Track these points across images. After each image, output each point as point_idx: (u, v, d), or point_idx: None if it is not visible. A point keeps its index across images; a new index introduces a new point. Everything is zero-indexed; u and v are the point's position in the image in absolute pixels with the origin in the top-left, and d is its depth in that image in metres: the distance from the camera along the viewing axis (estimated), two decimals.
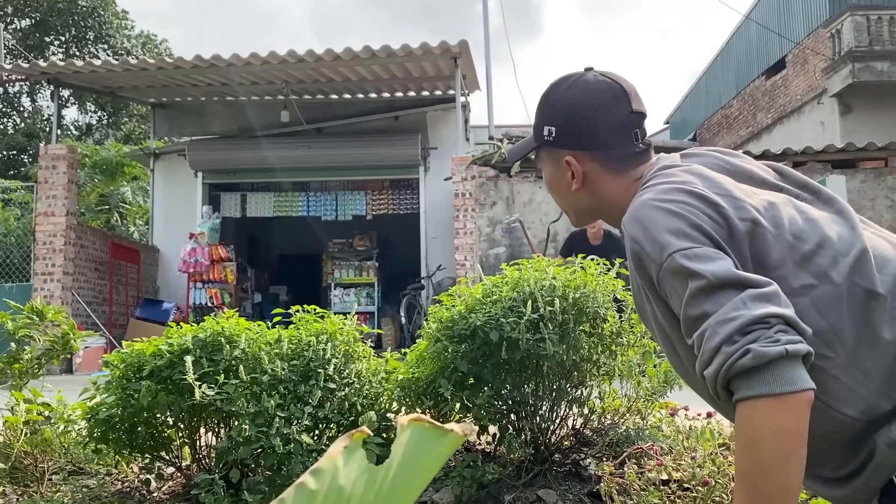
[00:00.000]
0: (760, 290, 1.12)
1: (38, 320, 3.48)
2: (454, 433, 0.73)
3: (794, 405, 1.08)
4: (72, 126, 26.25)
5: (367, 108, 11.93)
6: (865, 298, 1.19)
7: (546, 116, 1.47)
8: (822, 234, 1.23)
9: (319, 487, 0.60)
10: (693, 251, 1.17)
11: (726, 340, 1.10)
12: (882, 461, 1.17)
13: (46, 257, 9.83)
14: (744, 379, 1.09)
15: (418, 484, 0.72)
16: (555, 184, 1.50)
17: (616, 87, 1.42)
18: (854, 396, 1.17)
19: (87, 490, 2.97)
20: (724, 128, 16.20)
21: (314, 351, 2.81)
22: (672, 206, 1.22)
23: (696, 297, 1.15)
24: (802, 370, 1.09)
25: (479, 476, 2.77)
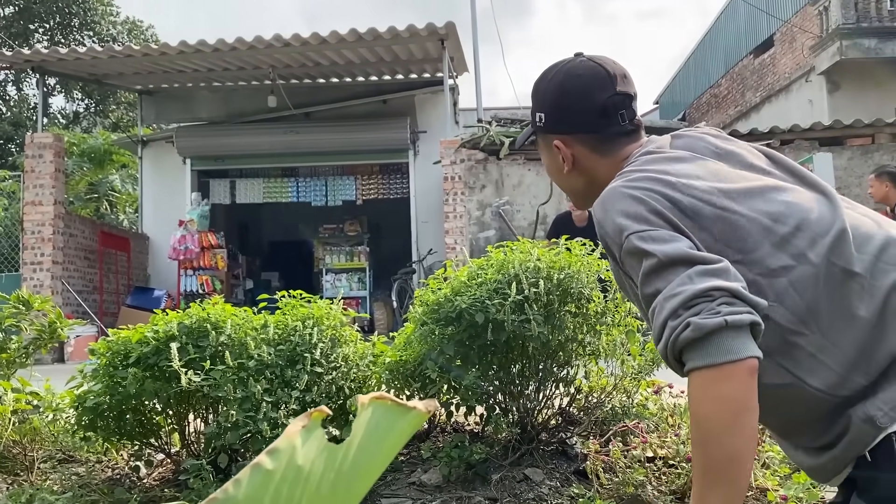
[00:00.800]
0: (708, 266, 1.15)
1: (24, 309, 3.48)
2: (417, 410, 0.74)
3: (734, 374, 1.10)
4: (59, 114, 26.04)
5: (355, 91, 11.86)
6: (842, 278, 1.21)
7: (537, 103, 1.53)
8: (800, 216, 1.26)
9: (276, 467, 0.60)
10: (648, 233, 1.21)
11: (671, 315, 1.14)
12: (856, 436, 1.19)
13: (35, 247, 9.79)
14: (689, 351, 1.13)
15: (380, 462, 0.73)
16: (551, 168, 1.57)
17: (600, 71, 1.46)
18: (828, 372, 1.19)
19: (76, 478, 2.98)
20: (713, 107, 16.20)
21: (300, 336, 2.81)
22: (636, 193, 1.27)
23: (648, 276, 1.20)
24: (746, 339, 1.11)
25: (466, 456, 2.79)
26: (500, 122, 9.84)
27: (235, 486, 0.58)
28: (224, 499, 0.57)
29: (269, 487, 0.61)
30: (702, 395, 1.13)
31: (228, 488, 0.58)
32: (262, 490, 0.60)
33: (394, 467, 2.97)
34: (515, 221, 9.02)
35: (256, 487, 0.59)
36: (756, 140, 8.71)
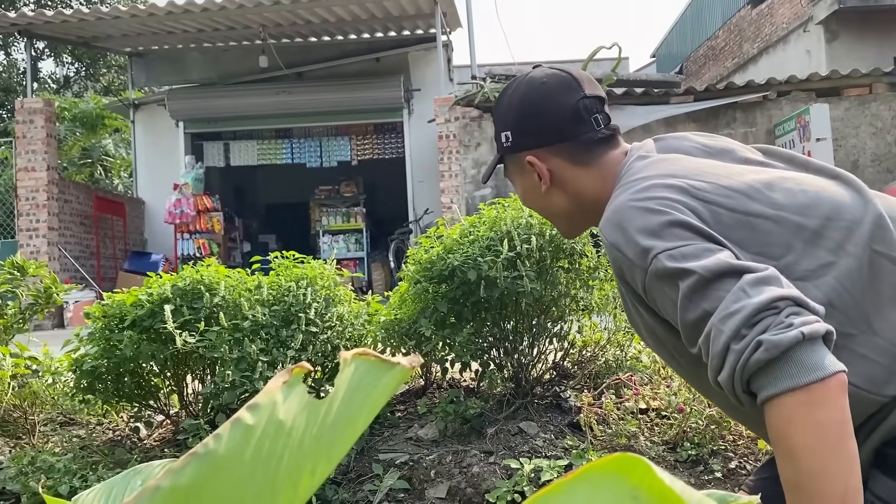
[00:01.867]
0: (760, 274, 1.00)
1: (19, 275, 3.48)
2: (401, 366, 0.74)
3: (827, 393, 0.93)
4: (49, 79, 25.72)
5: (348, 50, 11.72)
6: (890, 267, 1.09)
7: (501, 124, 1.39)
8: (828, 205, 1.12)
9: (257, 422, 0.61)
10: (679, 250, 1.06)
11: (734, 337, 0.97)
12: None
13: (30, 213, 9.76)
14: (763, 376, 0.95)
15: (364, 417, 0.74)
16: (527, 193, 1.41)
17: (564, 75, 1.34)
18: (882, 371, 1.06)
19: (77, 440, 3.02)
20: (711, 59, 16.03)
21: (294, 296, 2.83)
22: (652, 204, 1.11)
23: (690, 298, 1.04)
24: (826, 352, 0.95)
25: (462, 411, 2.82)
26: (494, 79, 9.74)
27: (216, 440, 0.59)
28: (204, 453, 0.57)
29: (249, 442, 0.61)
30: (793, 425, 0.94)
31: (209, 443, 0.59)
32: (242, 444, 0.60)
33: (391, 423, 3.01)
34: None
35: (237, 442, 0.60)
36: (754, 92, 8.65)
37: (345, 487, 2.66)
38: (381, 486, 2.64)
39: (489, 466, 2.63)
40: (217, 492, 0.56)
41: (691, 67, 16.97)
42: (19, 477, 2.51)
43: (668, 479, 0.58)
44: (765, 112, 8.72)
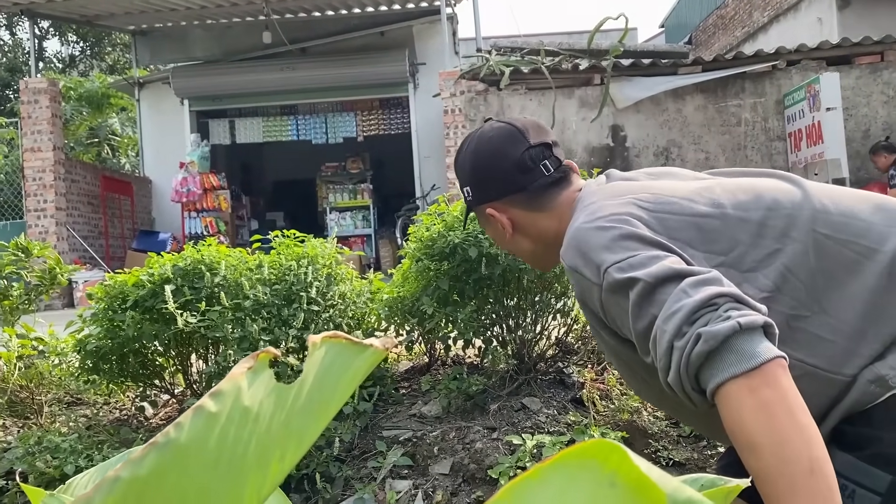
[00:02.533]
0: (700, 276, 1.05)
1: (24, 257, 3.49)
2: (373, 348, 0.73)
3: (767, 377, 0.96)
4: (55, 58, 25.67)
5: (352, 24, 11.61)
6: (834, 247, 1.15)
7: (461, 179, 1.48)
8: (767, 199, 1.20)
9: (221, 409, 0.59)
10: (627, 261, 1.11)
11: (676, 335, 1.01)
12: (860, 398, 1.11)
13: (37, 193, 9.79)
14: (707, 369, 0.99)
15: (337, 400, 0.73)
16: (495, 238, 1.52)
17: (508, 128, 1.41)
18: (837, 349, 1.11)
19: (84, 419, 3.04)
20: (720, 29, 15.80)
21: (295, 275, 2.82)
22: (602, 222, 1.18)
23: (640, 306, 1.08)
24: (764, 340, 0.99)
25: (465, 388, 2.82)
26: (499, 51, 9.64)
27: (177, 429, 0.58)
28: (165, 442, 0.56)
29: (213, 429, 0.60)
30: (742, 410, 0.96)
31: (170, 432, 0.58)
32: (205, 432, 0.59)
33: (395, 400, 3.01)
34: None
35: (199, 430, 0.59)
36: (763, 62, 8.52)
37: (349, 464, 2.68)
38: (385, 462, 2.65)
39: (492, 442, 2.63)
40: (179, 480, 0.55)
41: (700, 37, 16.74)
42: (26, 457, 2.53)
43: (644, 466, 0.57)
44: (774, 82, 8.60)
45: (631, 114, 8.75)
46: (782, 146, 8.55)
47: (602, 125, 8.79)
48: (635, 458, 0.57)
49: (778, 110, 8.56)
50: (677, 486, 0.58)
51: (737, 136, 8.66)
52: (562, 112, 8.76)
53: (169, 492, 0.54)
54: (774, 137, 8.59)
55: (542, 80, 8.64)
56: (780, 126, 8.56)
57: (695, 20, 17.35)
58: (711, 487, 0.81)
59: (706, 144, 8.69)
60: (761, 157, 8.61)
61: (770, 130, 8.61)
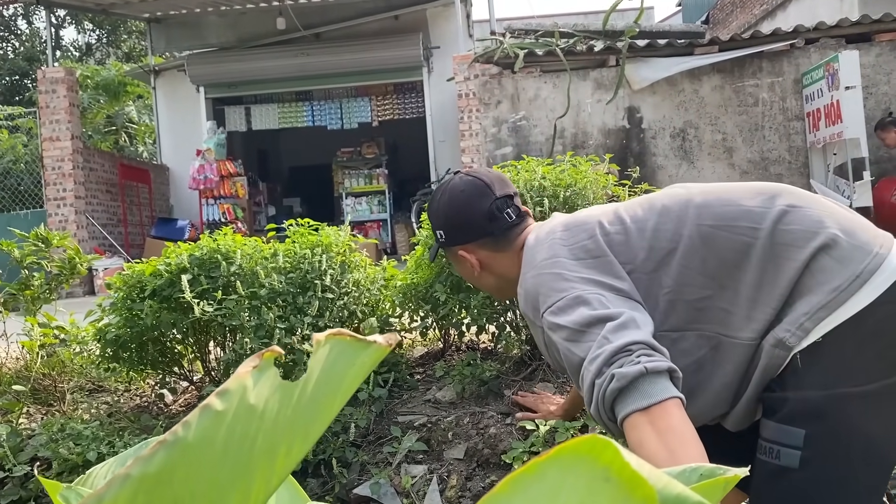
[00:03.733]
0: (618, 321, 1.25)
1: (44, 246, 3.55)
2: (377, 344, 0.75)
3: (664, 410, 1.15)
4: (71, 47, 25.83)
5: (365, 8, 11.57)
6: (720, 234, 1.35)
7: (435, 223, 1.74)
8: (658, 207, 1.43)
9: (227, 408, 0.61)
10: (557, 305, 1.34)
11: (597, 374, 1.22)
12: (769, 362, 1.29)
13: (57, 182, 9.90)
14: (618, 403, 1.19)
15: (340, 397, 0.75)
16: (464, 274, 1.78)
17: (478, 183, 1.66)
18: (739, 319, 1.31)
19: (105, 406, 3.10)
20: (738, 7, 15.59)
21: (310, 263, 2.85)
22: (535, 272, 1.43)
23: (568, 348, 1.30)
24: (667, 383, 1.18)
25: (479, 373, 2.84)
26: (514, 34, 9.58)
27: (185, 427, 0.60)
28: (173, 440, 0.59)
29: (220, 427, 0.62)
30: (642, 437, 1.15)
31: (178, 430, 0.60)
32: (213, 430, 0.62)
33: (409, 386, 3.04)
34: (532, 136, 8.90)
35: (207, 428, 0.61)
36: (780, 40, 8.41)
37: (364, 449, 2.71)
38: (400, 447, 2.68)
39: (506, 427, 2.65)
40: (189, 476, 0.57)
41: (718, 16, 16.53)
42: (50, 444, 2.59)
43: (634, 462, 0.58)
44: (792, 61, 8.49)
45: (647, 95, 8.68)
46: (800, 126, 8.45)
47: (618, 107, 8.73)
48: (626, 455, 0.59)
49: (796, 90, 8.46)
50: (668, 482, 0.60)
51: (754, 117, 8.56)
52: (576, 94, 8.70)
53: (178, 487, 0.56)
54: (792, 117, 8.49)
55: (556, 62, 8.58)
56: (799, 106, 8.45)
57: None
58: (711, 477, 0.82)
59: (723, 125, 8.61)
60: (779, 138, 8.52)
61: (788, 110, 8.51)
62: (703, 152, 8.62)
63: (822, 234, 1.29)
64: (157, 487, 0.54)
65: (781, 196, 1.37)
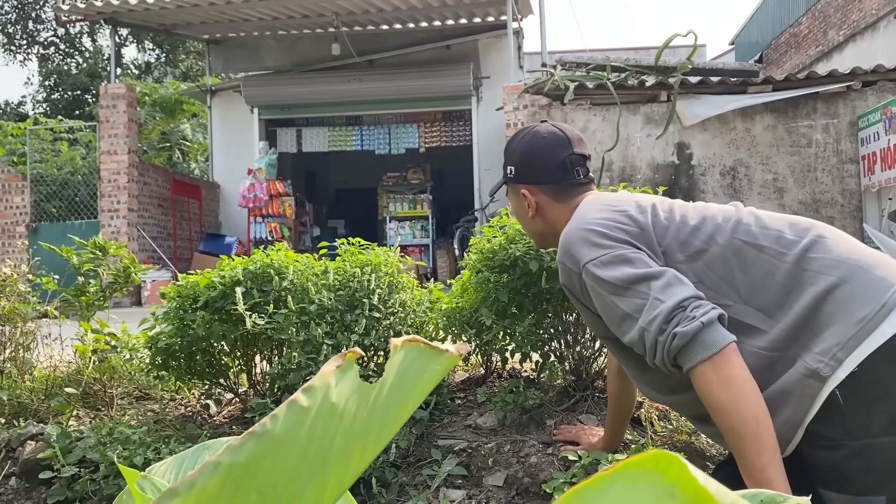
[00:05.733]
0: (663, 280, 1.40)
1: (101, 255, 3.65)
2: (449, 353, 0.77)
3: (724, 358, 1.32)
4: (132, 65, 26.69)
5: (418, 38, 11.77)
6: (751, 251, 1.46)
7: (508, 159, 1.87)
8: (707, 213, 1.55)
9: (311, 404, 0.64)
10: (600, 259, 1.47)
11: (658, 333, 1.38)
12: (803, 392, 1.34)
13: (111, 195, 10.19)
14: (682, 355, 1.36)
15: (413, 401, 0.76)
16: (518, 212, 1.91)
17: (560, 134, 1.79)
18: (755, 331, 1.40)
19: (152, 414, 3.16)
20: (793, 47, 15.45)
21: (359, 281, 2.88)
22: (586, 225, 1.54)
23: (612, 301, 1.44)
24: (720, 329, 1.35)
25: (521, 401, 2.83)
26: (565, 66, 9.63)
27: (273, 421, 0.63)
28: (262, 432, 0.61)
29: (304, 423, 0.65)
30: (708, 386, 1.33)
31: (266, 423, 0.62)
32: (298, 425, 0.64)
33: (450, 410, 3.04)
34: None
35: (293, 423, 0.63)
36: (837, 82, 8.31)
37: (404, 471, 2.71)
38: (440, 471, 2.67)
39: (547, 457, 2.63)
40: (273, 468, 0.59)
41: (772, 56, 16.40)
42: (98, 447, 2.64)
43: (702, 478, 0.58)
44: (848, 103, 8.37)
45: (697, 132, 8.63)
46: (854, 169, 8.30)
47: (667, 142, 8.69)
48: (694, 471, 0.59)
49: (851, 132, 8.32)
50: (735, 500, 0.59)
51: (807, 158, 8.44)
52: (626, 128, 8.69)
53: (263, 477, 0.58)
54: (846, 160, 8.35)
55: (606, 95, 8.60)
56: (853, 148, 8.31)
57: (766, 38, 17.01)
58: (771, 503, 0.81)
59: (774, 165, 8.50)
60: (832, 180, 8.37)
61: (842, 153, 8.37)
62: (753, 191, 8.51)
63: (846, 265, 1.38)
64: (245, 476, 0.56)
65: (814, 228, 1.48)
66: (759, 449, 1.29)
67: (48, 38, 26.21)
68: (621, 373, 2.25)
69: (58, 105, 24.48)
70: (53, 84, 25.58)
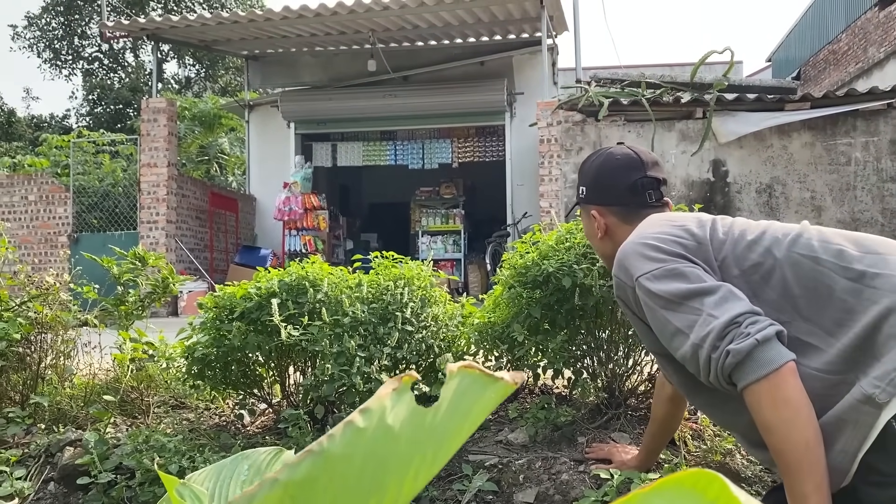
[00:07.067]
0: (718, 295, 1.36)
1: (140, 266, 3.73)
2: (504, 381, 0.77)
3: (780, 378, 1.26)
4: (172, 80, 27.27)
5: (453, 54, 11.85)
6: (809, 264, 1.40)
7: (581, 179, 1.87)
8: (764, 227, 1.52)
9: (368, 425, 0.64)
10: (653, 273, 1.44)
11: (712, 350, 1.32)
12: (858, 418, 1.27)
13: (151, 206, 10.39)
14: (737, 373, 1.30)
15: (467, 428, 0.77)
16: (588, 233, 1.90)
17: (634, 157, 1.77)
18: (814, 350, 1.34)
19: (187, 422, 3.20)
20: (831, 64, 15.24)
21: (392, 295, 2.90)
22: (642, 240, 1.52)
23: (664, 316, 1.40)
24: (778, 347, 1.29)
25: (553, 418, 2.82)
26: (599, 82, 9.62)
27: (330, 440, 0.64)
28: (319, 451, 0.62)
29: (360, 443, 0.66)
30: (761, 405, 1.28)
31: (323, 442, 0.63)
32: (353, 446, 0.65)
33: (482, 426, 3.04)
34: None
35: (349, 443, 0.64)
36: (877, 99, 8.17)
37: (434, 486, 2.71)
38: (470, 486, 2.67)
39: (579, 475, 2.61)
40: (329, 487, 0.60)
41: (810, 73, 16.19)
42: (134, 454, 2.69)
43: (743, 497, 0.58)
44: (889, 121, 8.23)
45: (733, 149, 8.54)
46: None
47: (703, 159, 8.61)
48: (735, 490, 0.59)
49: (892, 150, 8.18)
50: None
51: (846, 176, 8.30)
52: (661, 144, 8.64)
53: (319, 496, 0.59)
54: (887, 178, 8.20)
55: (641, 111, 8.56)
56: (895, 167, 8.16)
57: (804, 55, 16.80)
58: None
59: (812, 183, 8.38)
60: (872, 199, 8.22)
61: (883, 171, 8.22)
62: (790, 209, 8.39)
63: None
64: (301, 493, 0.58)
65: (882, 246, 1.41)
66: (806, 475, 1.24)
67: (93, 54, 26.92)
68: (674, 397, 2.20)
69: (100, 118, 25.08)
70: (97, 98, 26.23)
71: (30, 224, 11.26)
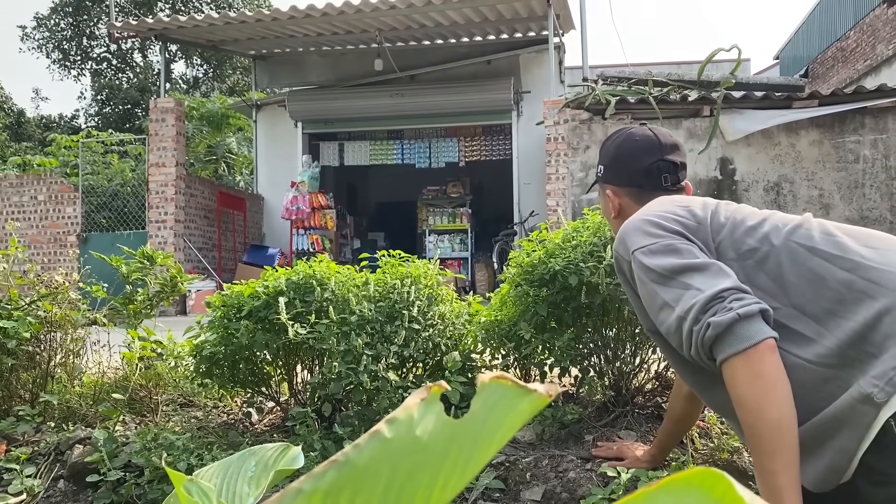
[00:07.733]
0: (707, 271, 1.36)
1: (149, 265, 3.75)
2: (538, 394, 0.76)
3: (757, 354, 1.25)
4: (180, 80, 27.35)
5: (460, 53, 11.86)
6: (805, 253, 1.39)
7: (600, 158, 1.89)
8: (766, 215, 1.52)
9: (395, 436, 0.64)
10: (649, 247, 1.44)
11: (693, 322, 1.32)
12: (855, 418, 1.24)
13: (159, 206, 10.43)
14: (716, 346, 1.30)
15: (497, 441, 0.76)
16: (604, 212, 1.92)
17: (652, 140, 1.77)
18: (805, 340, 1.32)
19: (195, 420, 3.22)
20: (839, 62, 15.17)
21: (399, 293, 2.91)
22: (644, 216, 1.53)
23: (654, 289, 1.41)
24: (759, 324, 1.27)
25: (560, 416, 2.82)
26: (606, 81, 9.60)
27: (356, 451, 0.64)
28: (344, 461, 0.62)
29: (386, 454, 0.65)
30: (736, 379, 1.27)
31: (349, 452, 0.63)
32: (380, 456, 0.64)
33: None
34: None
35: (375, 454, 0.64)
36: (886, 97, 8.14)
37: None
38: (477, 484, 2.68)
39: (586, 473, 2.62)
40: (354, 498, 0.60)
41: (817, 70, 16.12)
42: (143, 452, 2.71)
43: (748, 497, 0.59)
44: None
45: (741, 147, 8.52)
46: None
47: (710, 157, 8.59)
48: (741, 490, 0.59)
49: None
50: None
51: (854, 174, 8.27)
52: None
53: None
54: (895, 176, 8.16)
55: (648, 110, 8.54)
56: None
57: (812, 52, 16.73)
58: None
59: (820, 181, 8.35)
60: (880, 196, 8.18)
61: (891, 168, 8.18)
62: (798, 207, 8.36)
63: None
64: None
65: (880, 242, 1.40)
66: (775, 452, 1.22)
67: (101, 54, 27.03)
68: (690, 395, 2.19)
69: (109, 118, 25.19)
70: (105, 98, 26.35)
71: (39, 224, 11.32)
